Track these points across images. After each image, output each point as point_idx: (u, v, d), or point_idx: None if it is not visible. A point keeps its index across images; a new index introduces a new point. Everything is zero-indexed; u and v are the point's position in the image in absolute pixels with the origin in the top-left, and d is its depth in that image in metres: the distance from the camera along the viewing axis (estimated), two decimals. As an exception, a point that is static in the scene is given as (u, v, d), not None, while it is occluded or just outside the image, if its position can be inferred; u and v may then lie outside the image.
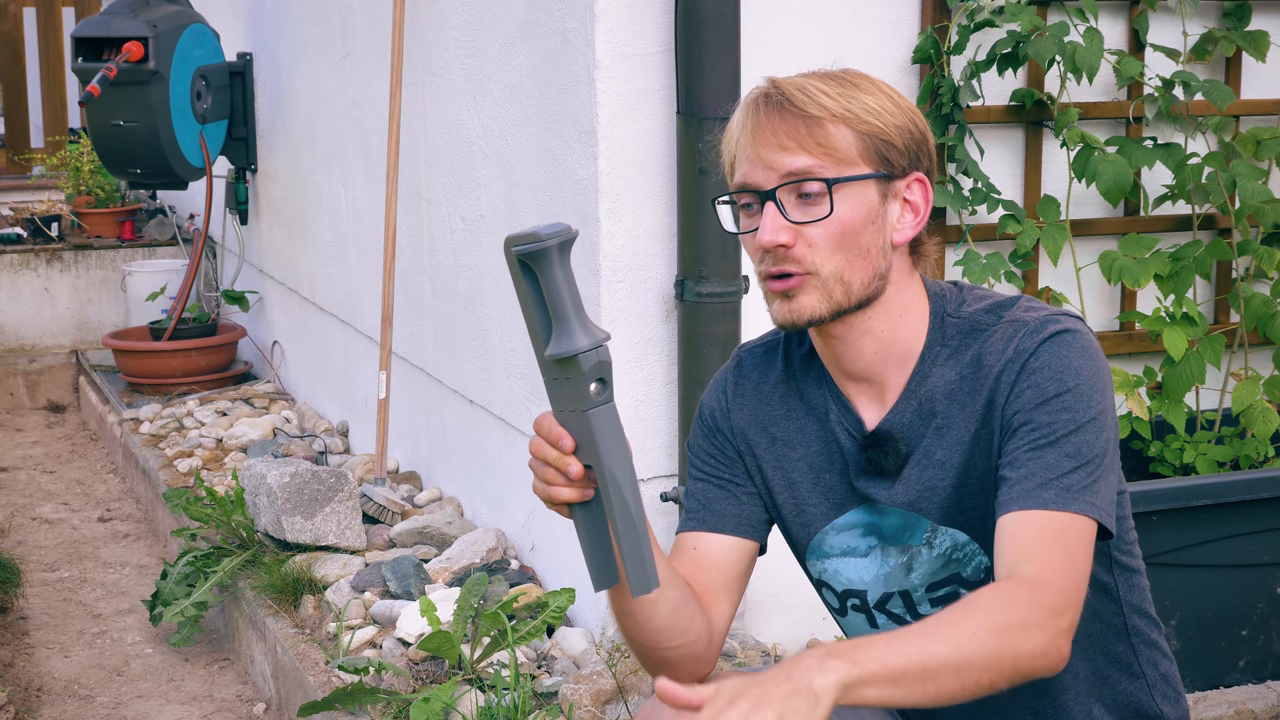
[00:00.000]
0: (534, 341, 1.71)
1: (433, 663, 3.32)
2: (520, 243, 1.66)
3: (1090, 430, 1.82)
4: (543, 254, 1.65)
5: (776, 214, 1.86)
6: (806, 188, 1.85)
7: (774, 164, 1.86)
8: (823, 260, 1.86)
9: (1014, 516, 1.80)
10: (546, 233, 1.65)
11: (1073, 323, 1.89)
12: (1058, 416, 1.82)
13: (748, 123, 1.89)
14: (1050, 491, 1.80)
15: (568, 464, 1.72)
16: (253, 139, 5.94)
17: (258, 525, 4.04)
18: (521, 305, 1.70)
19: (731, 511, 2.03)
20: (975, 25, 3.36)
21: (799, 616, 3.40)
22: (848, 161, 1.86)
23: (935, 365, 1.93)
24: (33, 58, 8.91)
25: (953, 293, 1.97)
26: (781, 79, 1.90)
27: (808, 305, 1.88)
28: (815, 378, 2.01)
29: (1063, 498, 1.79)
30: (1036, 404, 1.83)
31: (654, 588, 1.73)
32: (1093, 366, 1.85)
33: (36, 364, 6.83)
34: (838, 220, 1.85)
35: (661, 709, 1.97)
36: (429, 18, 4.17)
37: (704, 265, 3.21)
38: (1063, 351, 1.85)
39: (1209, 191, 3.53)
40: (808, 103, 1.85)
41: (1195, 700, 3.19)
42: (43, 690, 3.90)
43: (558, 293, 1.67)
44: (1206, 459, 3.46)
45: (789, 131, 1.85)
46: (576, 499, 1.75)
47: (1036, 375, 1.84)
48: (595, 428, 1.69)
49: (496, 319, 3.86)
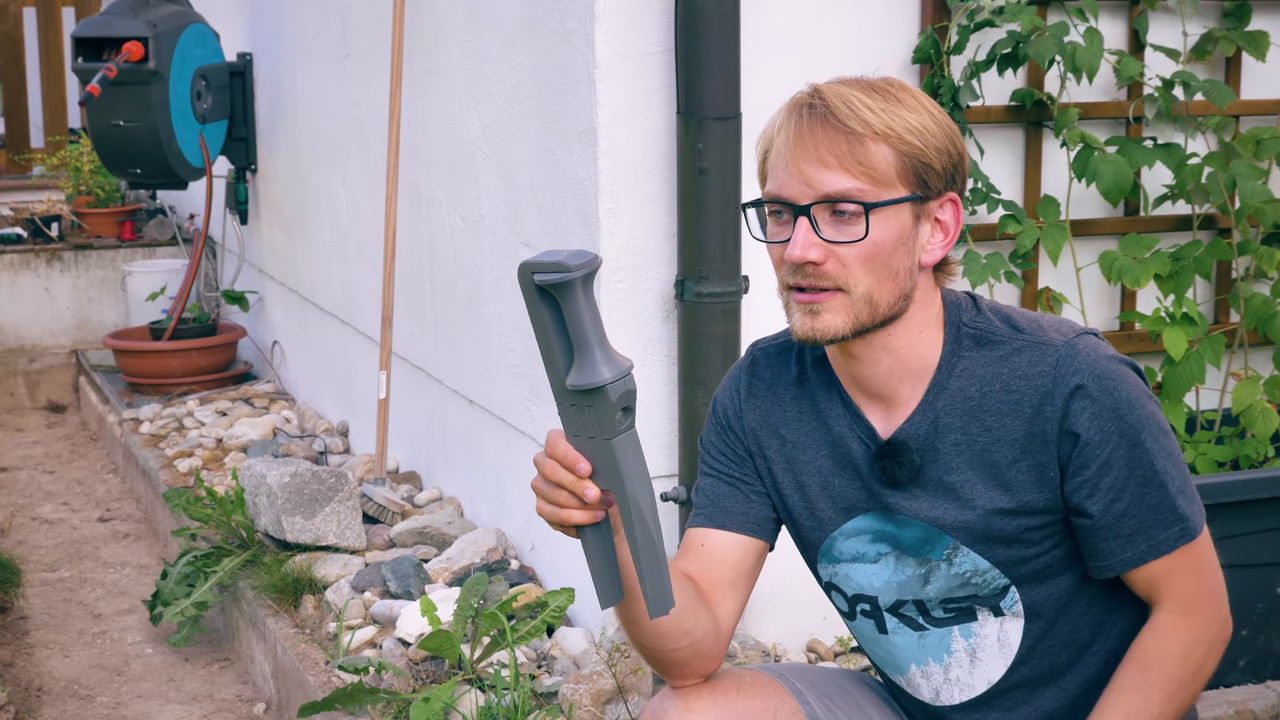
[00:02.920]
0: (550, 368, 1.67)
1: (433, 663, 3.32)
2: (543, 271, 1.62)
3: (1167, 446, 1.90)
4: (568, 285, 1.62)
5: (809, 230, 1.83)
6: (842, 207, 1.83)
7: (812, 180, 1.83)
8: (854, 280, 1.85)
9: (1154, 566, 1.91)
10: (574, 263, 1.61)
11: (1092, 344, 1.90)
12: (1141, 453, 1.88)
13: (789, 131, 1.85)
14: (1172, 532, 1.90)
15: (585, 489, 1.70)
16: (253, 139, 5.94)
17: (258, 525, 4.04)
18: (537, 331, 1.67)
19: (740, 509, 2.03)
20: (975, 25, 3.36)
21: (799, 617, 3.40)
22: (886, 182, 1.83)
23: (953, 377, 1.92)
24: (33, 58, 8.91)
25: (967, 303, 1.97)
26: (825, 88, 1.86)
27: (832, 324, 1.86)
28: (826, 382, 2.00)
29: (1180, 534, 1.90)
30: (1114, 438, 1.87)
31: (671, 608, 1.73)
32: (1143, 387, 1.91)
33: (36, 364, 6.83)
34: (871, 242, 1.84)
35: (667, 707, 1.98)
36: (429, 18, 4.17)
37: (704, 265, 3.21)
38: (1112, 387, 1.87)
39: (1209, 191, 3.53)
40: (850, 117, 1.82)
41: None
42: (43, 690, 3.90)
43: (581, 323, 1.63)
44: (1206, 459, 3.46)
45: (830, 146, 1.82)
46: (588, 521, 1.73)
47: (1105, 416, 1.87)
48: (619, 455, 1.67)
49: (496, 319, 3.86)
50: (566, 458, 1.70)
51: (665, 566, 1.72)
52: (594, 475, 1.70)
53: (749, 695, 2.00)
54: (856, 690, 2.14)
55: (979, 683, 2.01)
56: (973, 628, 1.98)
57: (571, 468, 1.70)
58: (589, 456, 1.70)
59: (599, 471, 1.70)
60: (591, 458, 1.69)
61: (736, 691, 2.00)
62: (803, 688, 2.07)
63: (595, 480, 1.70)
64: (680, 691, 1.98)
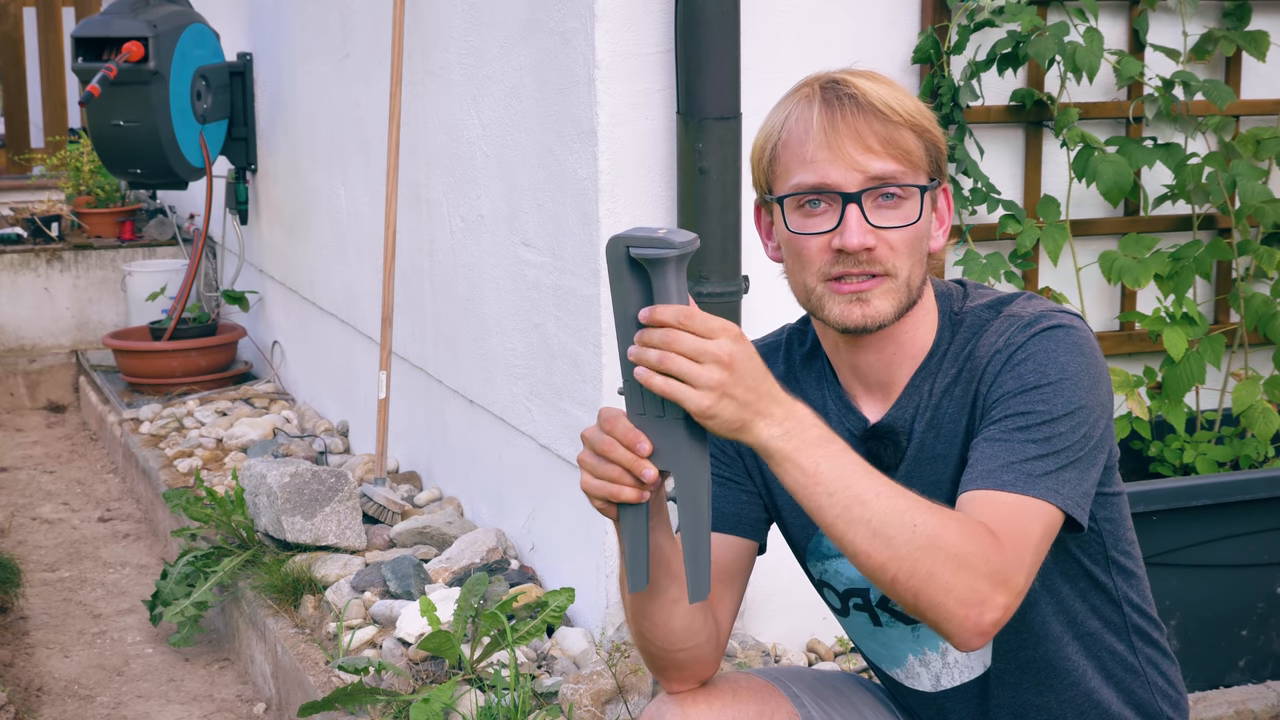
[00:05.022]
0: (625, 344, 1.66)
1: (433, 663, 3.32)
2: (640, 245, 1.60)
3: (1066, 423, 1.80)
4: (663, 262, 1.60)
5: (861, 217, 1.83)
6: (888, 190, 1.83)
7: (860, 165, 1.82)
8: (900, 264, 1.85)
9: (972, 494, 1.78)
10: (676, 239, 1.59)
11: (1068, 319, 1.88)
12: (1034, 406, 1.81)
13: (819, 119, 1.83)
14: (1010, 474, 1.78)
15: (644, 468, 1.68)
16: (253, 139, 5.94)
17: (258, 525, 4.04)
18: (617, 306, 1.64)
19: (731, 510, 2.03)
20: (975, 25, 3.36)
21: (799, 616, 3.40)
22: (919, 167, 1.85)
23: (941, 363, 1.93)
24: (33, 58, 8.91)
25: (957, 291, 1.98)
26: (844, 75, 1.86)
27: (882, 309, 1.86)
28: (816, 377, 2.01)
29: (1023, 481, 1.77)
30: (1015, 393, 1.82)
31: (708, 594, 1.73)
32: (1081, 362, 1.84)
33: (36, 364, 6.83)
34: (919, 226, 1.86)
35: (664, 712, 1.98)
36: (429, 18, 4.17)
37: (704, 265, 3.21)
38: (1051, 345, 1.84)
39: (1209, 191, 3.53)
40: (880, 102, 1.83)
41: (1195, 700, 3.19)
42: (43, 690, 3.90)
43: (670, 301, 1.62)
44: (1206, 459, 3.46)
45: (874, 132, 1.82)
46: (636, 500, 1.71)
47: (1020, 366, 1.83)
48: (685, 436, 1.66)
49: (496, 319, 3.86)
50: (626, 435, 1.68)
51: (708, 553, 1.71)
52: (652, 455, 1.68)
53: (745, 700, 2.00)
54: (853, 693, 2.14)
55: (976, 665, 2.01)
56: None
57: (632, 446, 1.68)
58: (650, 435, 1.68)
59: (658, 451, 1.68)
60: (652, 437, 1.68)
61: (732, 696, 2.00)
62: (799, 691, 2.06)
63: (653, 460, 1.69)
64: (677, 697, 1.98)
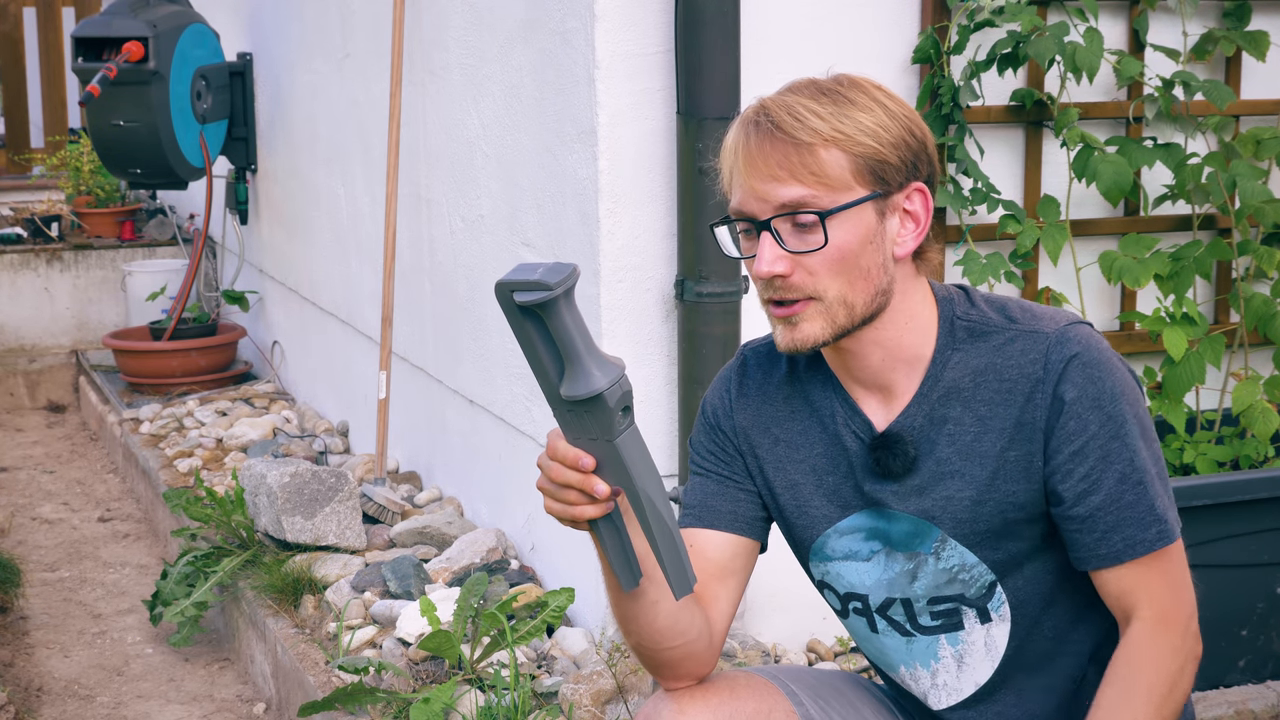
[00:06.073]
0: (542, 381, 1.66)
1: (433, 663, 3.32)
2: (523, 290, 1.59)
3: (1142, 453, 1.88)
4: (551, 303, 1.59)
5: (773, 244, 1.84)
6: (801, 218, 1.83)
7: (766, 195, 1.83)
8: (824, 286, 1.85)
9: (1117, 573, 1.89)
10: (553, 280, 1.58)
11: (1085, 334, 1.89)
12: (1115, 452, 1.87)
13: (740, 149, 1.86)
14: (1126, 543, 1.88)
15: (593, 484, 1.71)
16: (253, 139, 5.94)
17: (258, 525, 4.04)
18: (524, 347, 1.65)
19: (729, 509, 2.03)
20: (975, 25, 3.36)
21: (799, 616, 3.40)
22: (842, 186, 1.83)
23: (947, 369, 1.92)
24: (33, 58, 8.91)
25: (960, 296, 1.97)
26: (771, 101, 1.87)
27: (810, 331, 1.87)
28: (821, 380, 2.00)
29: (1146, 542, 1.88)
30: (1081, 447, 1.86)
31: (694, 585, 1.77)
32: (1120, 382, 1.89)
33: (36, 364, 6.83)
34: (835, 248, 1.84)
35: (661, 709, 1.98)
36: (429, 18, 4.17)
37: (704, 265, 3.21)
38: (1098, 376, 1.87)
39: (1209, 191, 3.53)
40: (798, 128, 1.82)
41: (1195, 700, 3.18)
42: (43, 690, 3.91)
43: (569, 336, 1.62)
44: (1206, 459, 3.46)
45: (780, 161, 1.82)
46: (600, 515, 1.74)
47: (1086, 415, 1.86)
48: (624, 453, 1.68)
49: (496, 319, 3.85)
50: (568, 457, 1.71)
51: (682, 547, 1.73)
52: (599, 471, 1.71)
53: (742, 697, 2.00)
54: (852, 692, 2.14)
55: (966, 686, 2.01)
56: (960, 635, 1.98)
57: (575, 465, 1.71)
58: (591, 453, 1.70)
59: (605, 468, 1.70)
60: (594, 454, 1.70)
61: (730, 694, 2.00)
62: (797, 689, 2.06)
63: (601, 475, 1.71)
64: (674, 694, 1.99)
